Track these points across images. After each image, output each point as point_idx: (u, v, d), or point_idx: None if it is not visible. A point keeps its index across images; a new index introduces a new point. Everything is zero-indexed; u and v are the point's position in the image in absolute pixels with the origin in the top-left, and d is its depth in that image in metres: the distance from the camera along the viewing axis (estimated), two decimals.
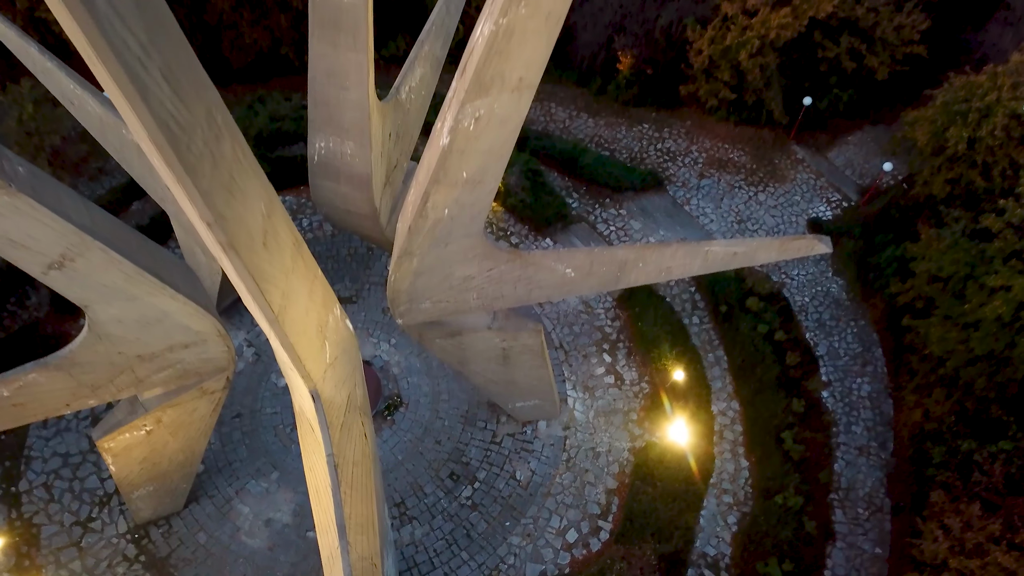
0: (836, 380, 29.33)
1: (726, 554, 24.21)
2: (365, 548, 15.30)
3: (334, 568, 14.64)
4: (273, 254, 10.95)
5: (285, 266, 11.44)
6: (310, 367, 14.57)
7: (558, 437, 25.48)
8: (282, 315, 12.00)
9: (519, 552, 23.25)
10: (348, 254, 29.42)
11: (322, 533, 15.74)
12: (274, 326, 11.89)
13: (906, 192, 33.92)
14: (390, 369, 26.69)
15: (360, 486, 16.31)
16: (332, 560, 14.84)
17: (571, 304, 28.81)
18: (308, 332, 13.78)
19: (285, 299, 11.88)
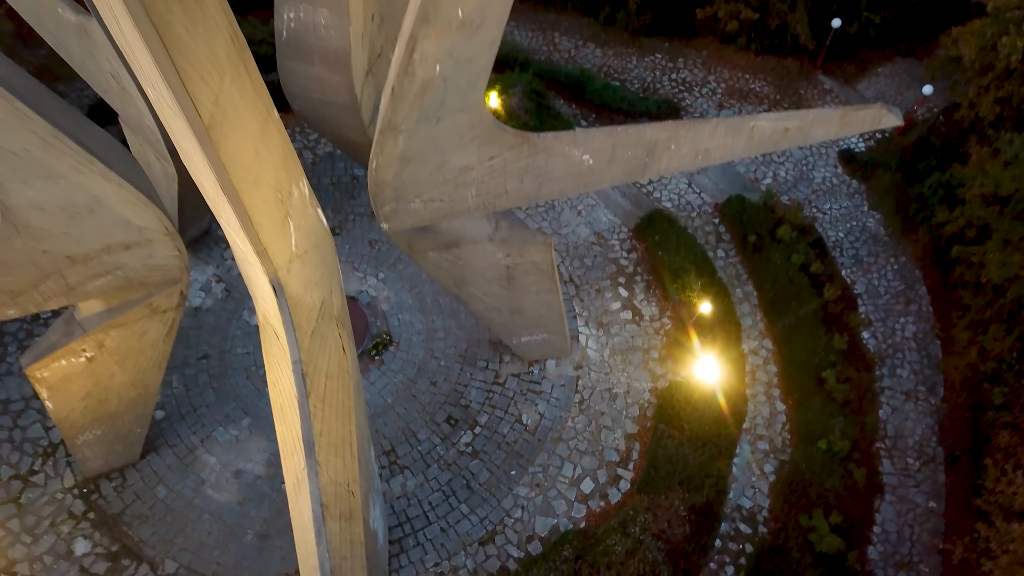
0: (877, 320, 26.29)
1: (764, 506, 21.17)
2: (340, 472, 12.20)
3: (300, 494, 11.55)
4: (197, 25, 7.80)
5: (217, 57, 8.29)
6: (269, 245, 11.54)
7: (569, 377, 22.40)
8: (217, 133, 8.87)
9: (527, 504, 20.18)
10: (331, 183, 26.28)
11: (287, 456, 12.64)
12: (204, 145, 8.76)
13: (948, 117, 30.80)
14: (378, 306, 23.58)
15: (334, 402, 13.23)
16: (298, 485, 11.75)
17: (582, 235, 25.70)
18: (262, 190, 10.71)
19: (219, 111, 8.75)
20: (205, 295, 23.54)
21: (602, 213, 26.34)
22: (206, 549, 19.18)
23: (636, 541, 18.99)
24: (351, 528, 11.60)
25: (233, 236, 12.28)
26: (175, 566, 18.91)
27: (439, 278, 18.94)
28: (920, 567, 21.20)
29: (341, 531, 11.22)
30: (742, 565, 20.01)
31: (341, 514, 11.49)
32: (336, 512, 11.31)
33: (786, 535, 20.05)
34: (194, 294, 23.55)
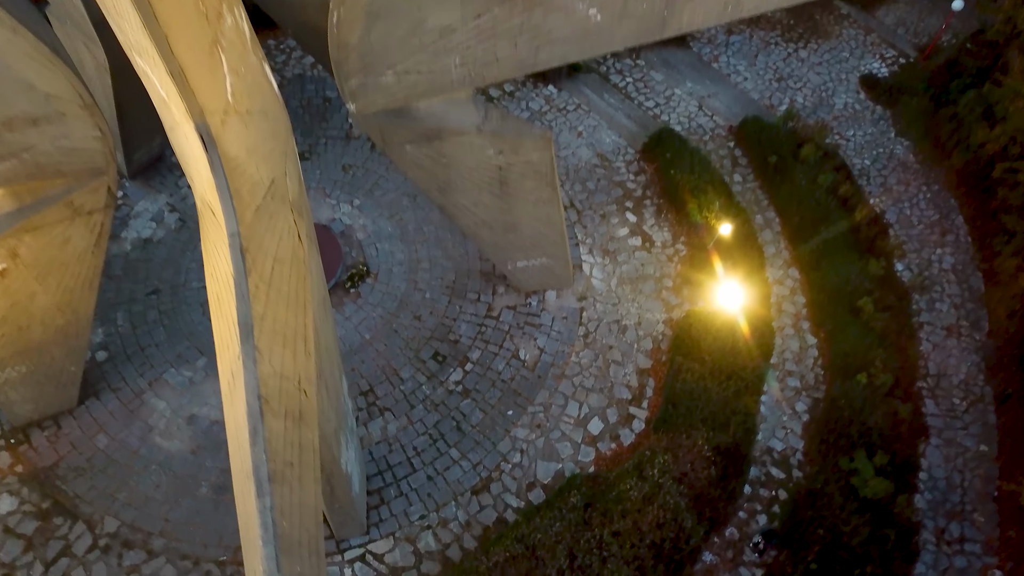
0: (911, 251, 23.62)
1: (797, 448, 18.51)
2: (288, 365, 9.45)
3: (234, 388, 8.80)
4: None
5: None
6: (191, 72, 8.84)
7: (572, 309, 19.67)
8: None
9: (527, 448, 17.47)
10: (300, 105, 23.45)
11: (223, 351, 9.90)
12: None
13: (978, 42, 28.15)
14: (353, 234, 20.79)
15: (284, 288, 10.48)
16: (233, 379, 8.99)
17: (583, 157, 22.93)
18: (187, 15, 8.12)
19: None
20: (156, 225, 20.72)
21: (605, 134, 23.59)
22: (153, 504, 16.41)
23: (655, 485, 16.30)
24: (301, 432, 8.89)
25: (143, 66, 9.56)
26: (116, 524, 16.15)
27: (420, 182, 16.18)
28: (974, 516, 18.58)
29: (287, 433, 8.52)
30: (775, 514, 17.35)
31: (288, 413, 8.78)
32: (280, 410, 8.61)
33: (825, 479, 17.38)
34: (143, 225, 20.73)
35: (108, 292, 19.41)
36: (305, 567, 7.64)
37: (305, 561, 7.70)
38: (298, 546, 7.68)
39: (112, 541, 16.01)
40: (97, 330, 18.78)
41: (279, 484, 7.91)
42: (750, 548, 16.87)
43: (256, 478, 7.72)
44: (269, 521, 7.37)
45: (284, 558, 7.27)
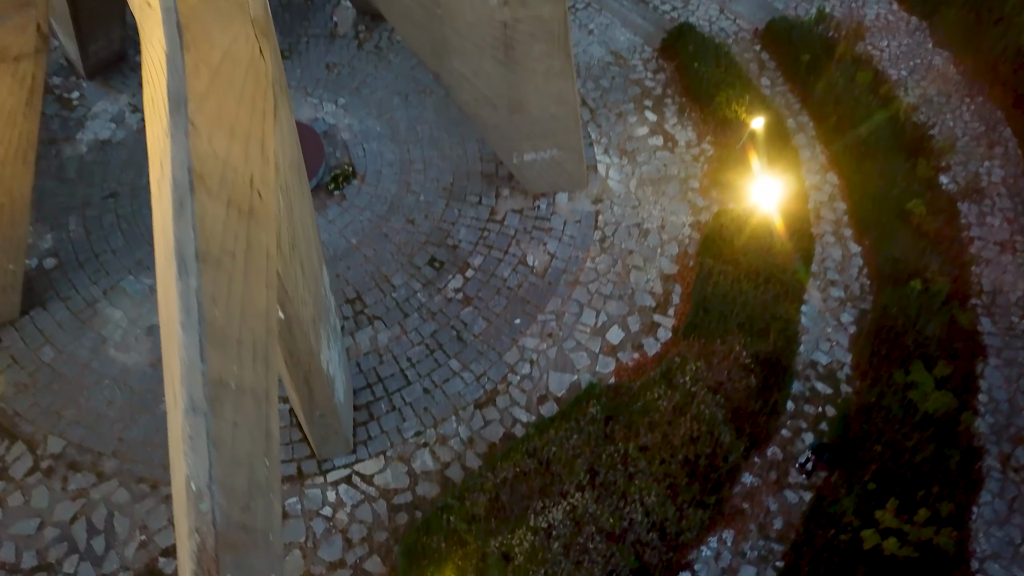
0: (957, 164, 21.33)
1: (845, 362, 16.25)
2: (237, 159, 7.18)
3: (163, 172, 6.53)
4: None
5: None
6: None
7: (587, 212, 17.39)
8: None
9: (537, 358, 15.21)
10: (280, 4, 21.11)
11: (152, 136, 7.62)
12: None
13: None
14: (337, 134, 18.48)
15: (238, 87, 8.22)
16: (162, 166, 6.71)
17: (595, 55, 20.60)
18: None
19: None
20: (116, 126, 18.41)
21: (619, 32, 21.26)
22: (105, 422, 14.15)
23: (686, 394, 14.05)
24: (250, 228, 6.66)
25: None
26: (61, 444, 13.90)
27: (412, 41, 13.88)
28: None
29: (229, 221, 6.30)
30: (823, 432, 15.11)
31: (232, 202, 6.54)
32: (221, 195, 6.39)
33: (880, 391, 15.14)
34: (102, 126, 18.42)
35: (60, 196, 17.14)
36: (247, 372, 5.37)
37: (248, 367, 5.43)
38: (237, 345, 5.41)
39: (56, 463, 13.75)
40: (45, 236, 16.50)
41: (213, 268, 5.63)
42: (796, 468, 14.63)
43: (179, 256, 5.44)
44: (193, 304, 5.11)
45: (213, 350, 5.01)
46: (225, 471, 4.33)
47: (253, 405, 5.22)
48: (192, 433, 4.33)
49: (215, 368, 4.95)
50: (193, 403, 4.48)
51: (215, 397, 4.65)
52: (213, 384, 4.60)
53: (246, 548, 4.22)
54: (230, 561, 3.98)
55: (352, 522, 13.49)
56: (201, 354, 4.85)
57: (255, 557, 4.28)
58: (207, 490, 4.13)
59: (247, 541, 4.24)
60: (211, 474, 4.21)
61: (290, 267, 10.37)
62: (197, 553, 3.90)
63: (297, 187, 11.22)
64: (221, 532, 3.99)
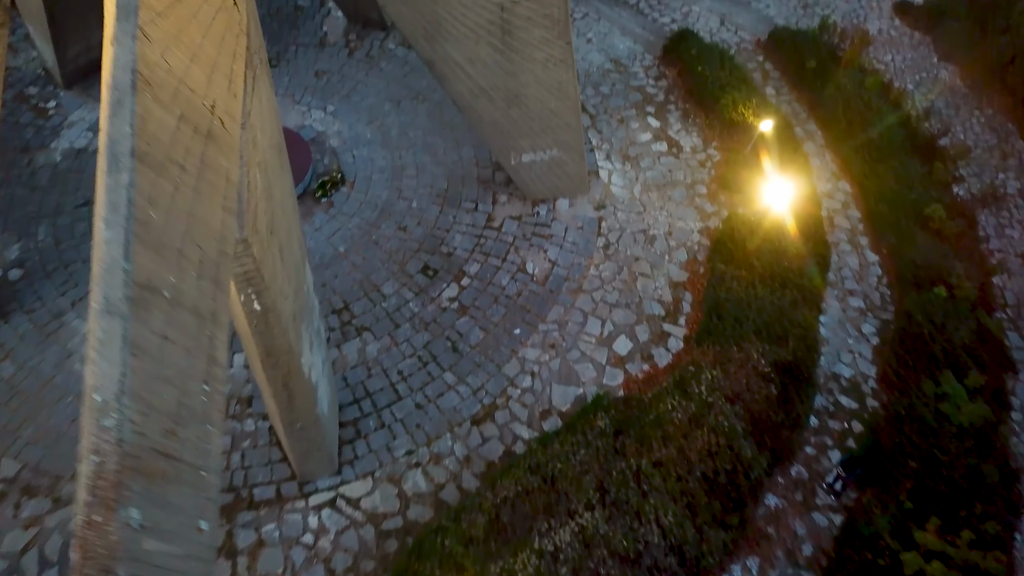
0: (971, 175, 20.54)
1: (869, 375, 15.11)
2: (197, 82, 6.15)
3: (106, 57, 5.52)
4: None
5: None
6: None
7: (589, 219, 16.39)
8: None
9: (539, 370, 14.04)
10: (268, 13, 20.37)
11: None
12: None
13: None
14: (326, 141, 17.56)
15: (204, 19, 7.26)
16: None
17: (594, 62, 19.86)
18: None
19: None
20: (94, 135, 17.47)
21: (618, 40, 20.56)
22: (66, 442, 12.88)
23: (703, 405, 12.86)
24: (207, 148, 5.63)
25: None
26: (16, 467, 12.61)
27: (403, 22, 13.01)
28: None
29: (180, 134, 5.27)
30: (851, 448, 13.89)
31: (186, 118, 5.52)
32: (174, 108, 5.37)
33: (909, 403, 13.98)
34: (78, 134, 17.48)
35: (30, 205, 16.11)
36: (190, 288, 4.29)
37: (191, 282, 4.36)
38: (178, 254, 4.35)
39: (9, 487, 12.44)
40: (11, 246, 15.41)
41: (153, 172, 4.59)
42: (824, 488, 13.38)
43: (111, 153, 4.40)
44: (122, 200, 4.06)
45: (144, 251, 3.94)
46: (145, 385, 3.23)
47: (195, 323, 4.13)
48: (103, 336, 3.25)
49: (144, 270, 3.86)
50: (109, 304, 3.39)
51: (140, 300, 3.57)
52: (139, 287, 3.52)
53: (166, 479, 3.09)
54: (140, 490, 2.87)
55: (336, 550, 12.15)
56: (125, 252, 3.78)
57: (179, 493, 3.15)
58: (115, 403, 3.04)
59: (168, 472, 3.12)
60: (123, 385, 3.12)
61: (267, 251, 9.32)
62: (94, 478, 2.80)
63: (277, 169, 10.24)
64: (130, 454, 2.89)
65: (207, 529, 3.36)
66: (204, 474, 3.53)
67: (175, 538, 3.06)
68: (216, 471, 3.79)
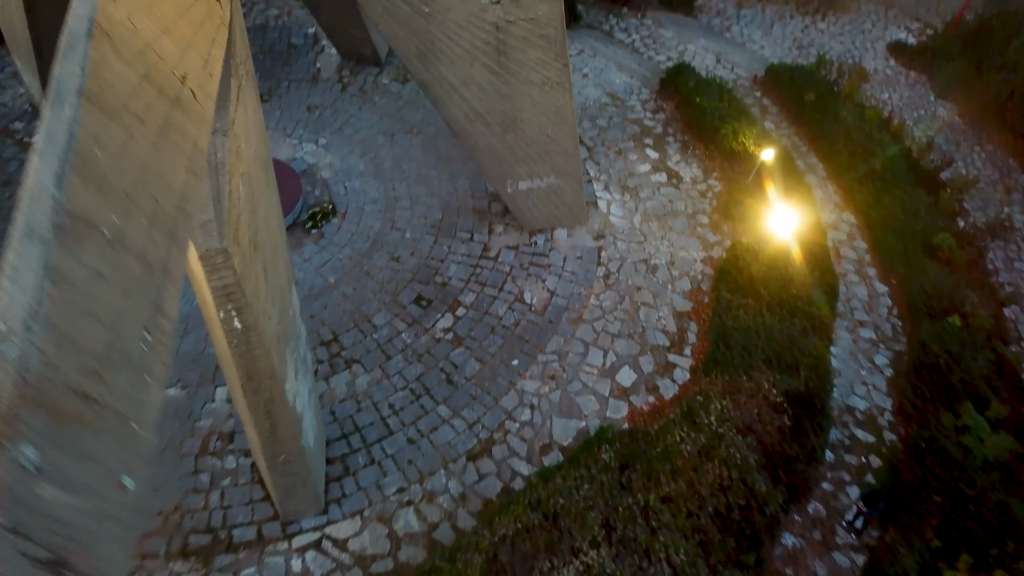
0: (976, 209, 20.20)
1: (885, 408, 14.38)
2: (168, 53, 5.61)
3: None
4: None
5: None
6: None
7: (588, 248, 15.86)
8: None
9: (538, 403, 13.29)
10: (261, 51, 20.20)
11: None
12: None
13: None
14: (317, 173, 17.13)
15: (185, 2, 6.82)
16: None
17: (591, 96, 19.62)
18: None
19: None
20: None
21: (614, 75, 20.39)
22: None
23: (713, 436, 12.11)
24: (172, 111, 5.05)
25: None
26: None
27: (395, 42, 12.68)
28: None
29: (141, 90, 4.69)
30: (870, 483, 13.08)
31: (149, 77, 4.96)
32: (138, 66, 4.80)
33: (929, 435, 13.23)
34: None
35: None
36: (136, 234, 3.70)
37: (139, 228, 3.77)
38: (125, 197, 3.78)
39: None
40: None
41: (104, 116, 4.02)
42: (844, 527, 12.53)
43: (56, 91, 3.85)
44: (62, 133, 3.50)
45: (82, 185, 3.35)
46: (65, 317, 2.63)
47: (139, 269, 3.54)
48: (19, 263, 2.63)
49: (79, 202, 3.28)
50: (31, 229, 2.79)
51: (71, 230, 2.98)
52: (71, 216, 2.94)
53: (82, 424, 2.43)
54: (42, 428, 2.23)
55: None
56: (58, 181, 3.18)
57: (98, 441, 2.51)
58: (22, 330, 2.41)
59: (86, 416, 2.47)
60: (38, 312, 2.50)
61: (250, 266, 8.74)
62: None
63: (263, 185, 9.74)
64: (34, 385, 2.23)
65: (131, 489, 2.70)
66: (135, 427, 2.89)
67: (86, 491, 2.40)
68: (151, 427, 3.13)
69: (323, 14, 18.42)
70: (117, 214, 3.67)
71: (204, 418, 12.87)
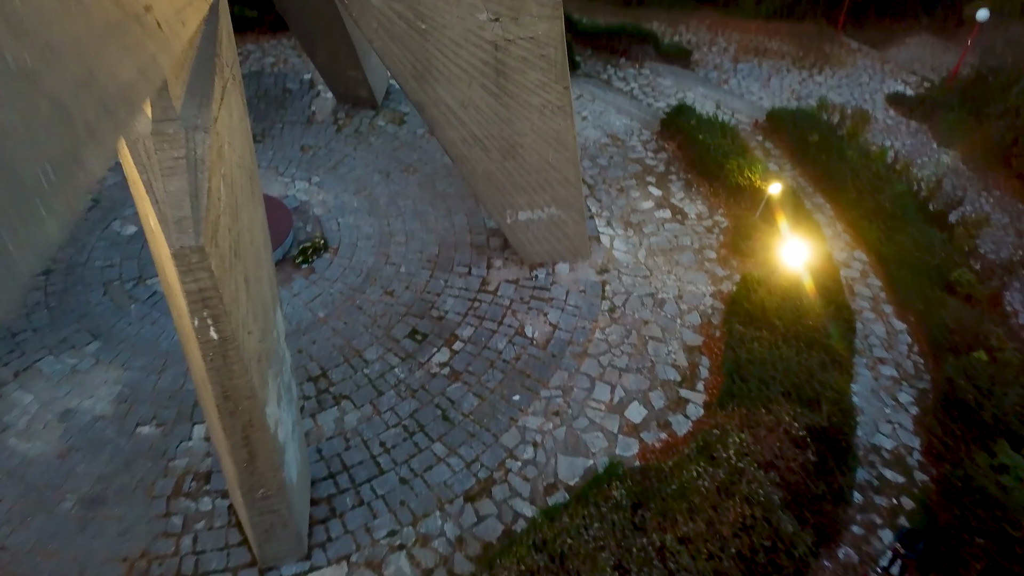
0: (988, 252, 19.63)
1: (913, 447, 13.40)
2: None
3: None
4: None
5: None
6: None
7: (592, 283, 15.14)
8: None
9: (542, 440, 12.31)
10: (256, 95, 19.90)
11: None
12: None
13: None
14: (309, 210, 16.53)
15: None
16: None
17: (590, 137, 19.25)
18: None
19: None
20: None
21: (614, 118, 20.10)
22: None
23: (732, 471, 11.13)
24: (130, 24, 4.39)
25: None
26: None
27: (391, 61, 12.25)
28: None
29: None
30: (902, 526, 12.00)
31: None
32: None
33: (965, 474, 12.24)
34: None
35: None
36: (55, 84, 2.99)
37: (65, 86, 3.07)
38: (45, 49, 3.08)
39: None
40: None
41: None
42: (879, 573, 11.40)
43: None
44: None
45: None
46: None
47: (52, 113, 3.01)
48: None
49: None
50: None
51: None
52: None
53: None
54: None
55: None
56: None
57: None
58: None
59: None
60: None
61: (229, 273, 8.01)
62: None
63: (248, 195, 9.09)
64: None
65: None
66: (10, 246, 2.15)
67: None
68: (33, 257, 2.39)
69: (319, 54, 18.21)
70: (31, 56, 3.00)
71: (179, 457, 11.87)
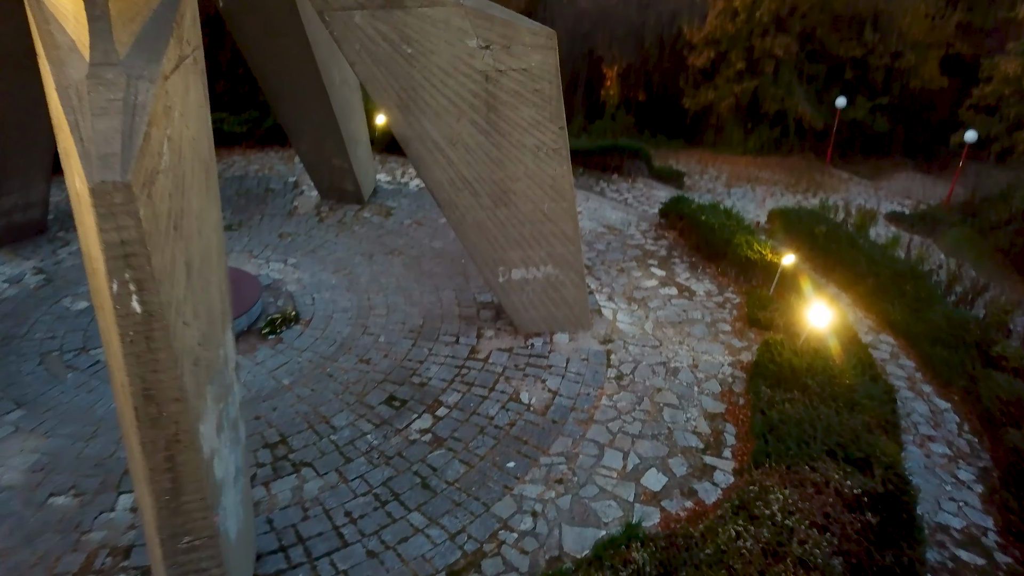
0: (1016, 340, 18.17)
1: (986, 526, 11.18)
2: None
3: None
4: None
5: None
6: None
7: (595, 351, 13.43)
8: None
9: (543, 509, 10.10)
10: (236, 193, 19.09)
11: None
12: None
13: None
14: (282, 287, 15.08)
15: None
16: None
17: (585, 226, 18.17)
18: None
19: None
20: (10, 286, 15.01)
21: (609, 212, 19.21)
22: None
23: (779, 530, 8.96)
24: None
25: None
26: None
27: (374, 85, 11.39)
28: None
29: None
30: None
31: None
32: None
33: None
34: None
35: None
36: None
37: None
38: None
39: None
40: None
41: None
42: None
43: None
44: None
45: None
46: None
47: None
48: None
49: None
50: None
51: None
52: None
53: None
54: None
55: None
56: None
57: None
58: None
59: None
60: None
61: (163, 237, 6.66)
62: None
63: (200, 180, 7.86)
64: None
65: None
66: None
67: None
68: None
69: (304, 142, 17.63)
70: None
71: (95, 530, 9.61)
